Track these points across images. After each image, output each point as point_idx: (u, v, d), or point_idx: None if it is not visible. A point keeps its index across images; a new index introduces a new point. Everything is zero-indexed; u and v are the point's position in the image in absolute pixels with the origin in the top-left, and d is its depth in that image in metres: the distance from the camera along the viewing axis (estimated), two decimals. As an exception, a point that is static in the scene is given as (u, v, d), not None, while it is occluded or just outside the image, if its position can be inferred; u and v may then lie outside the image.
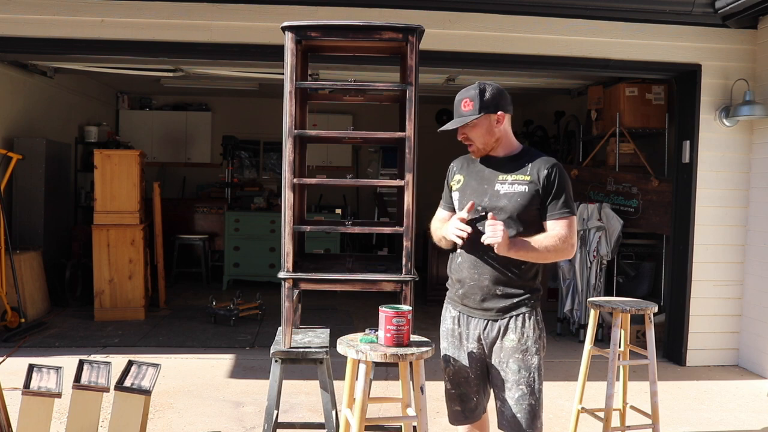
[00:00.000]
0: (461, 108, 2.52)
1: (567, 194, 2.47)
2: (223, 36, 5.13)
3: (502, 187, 2.49)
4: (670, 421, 4.16)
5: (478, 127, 2.50)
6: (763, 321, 5.33)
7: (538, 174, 2.46)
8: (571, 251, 2.47)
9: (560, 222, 2.46)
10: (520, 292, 2.49)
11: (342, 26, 2.87)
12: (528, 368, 2.48)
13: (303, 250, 3.45)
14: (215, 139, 10.36)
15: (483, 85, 2.51)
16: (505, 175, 2.50)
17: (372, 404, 2.64)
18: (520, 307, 2.49)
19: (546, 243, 2.43)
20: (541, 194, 2.46)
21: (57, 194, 7.42)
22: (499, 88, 2.53)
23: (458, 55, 5.29)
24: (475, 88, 2.51)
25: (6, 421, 3.05)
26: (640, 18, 5.29)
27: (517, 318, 2.48)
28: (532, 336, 2.49)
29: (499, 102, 2.50)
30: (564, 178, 2.48)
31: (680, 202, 5.66)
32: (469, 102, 2.49)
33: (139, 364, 3.23)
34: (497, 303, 2.49)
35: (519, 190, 2.47)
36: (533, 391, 2.48)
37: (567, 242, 2.45)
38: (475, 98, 2.48)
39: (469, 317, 2.57)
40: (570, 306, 6.15)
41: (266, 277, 8.15)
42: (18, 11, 5.03)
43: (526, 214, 2.47)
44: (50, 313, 6.67)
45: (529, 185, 2.46)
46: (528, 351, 2.48)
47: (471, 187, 2.57)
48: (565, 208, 2.46)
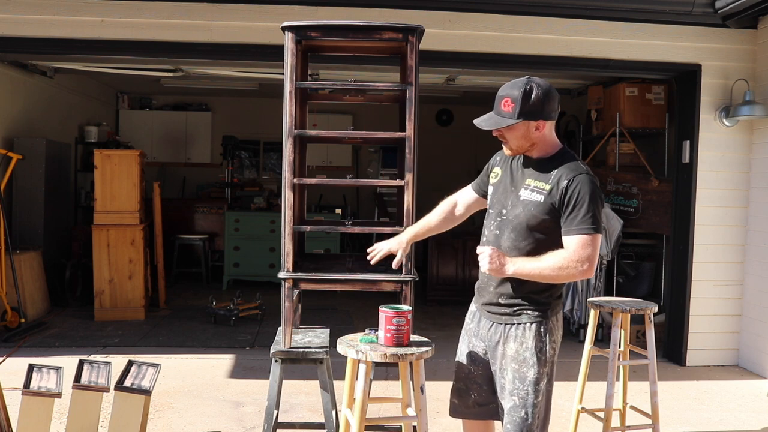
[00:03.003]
0: (500, 106, 2.32)
1: (587, 208, 2.24)
2: (223, 36, 5.13)
3: (524, 192, 2.37)
4: (670, 421, 4.15)
5: (515, 130, 2.34)
6: (763, 321, 5.33)
7: (558, 183, 2.29)
8: (582, 273, 2.25)
9: (573, 239, 2.26)
10: (522, 303, 2.40)
11: (342, 26, 2.87)
12: (522, 380, 2.38)
13: (303, 250, 3.45)
14: (215, 139, 10.36)
15: (530, 87, 2.29)
16: (531, 179, 2.37)
17: (372, 404, 2.63)
18: (520, 316, 2.40)
19: (549, 263, 2.26)
20: (557, 206, 2.29)
21: (57, 194, 7.41)
22: (547, 92, 2.30)
23: (458, 55, 5.29)
24: (520, 88, 2.29)
25: (6, 421, 3.05)
26: (640, 18, 5.28)
27: (518, 327, 2.40)
28: (531, 347, 2.37)
29: (542, 109, 2.30)
30: (586, 190, 2.25)
31: (680, 202, 5.66)
32: (510, 103, 2.30)
33: (139, 364, 3.23)
34: (499, 309, 2.45)
35: (535, 199, 2.33)
36: (526, 404, 2.37)
37: (576, 263, 2.23)
38: (517, 101, 2.28)
39: (481, 316, 2.55)
40: (570, 306, 6.15)
41: (266, 277, 8.15)
42: (18, 11, 5.03)
43: (540, 225, 2.33)
44: (50, 313, 6.67)
45: (546, 195, 2.31)
46: (525, 362, 2.38)
47: (504, 185, 2.48)
48: (583, 224, 2.24)
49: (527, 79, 2.33)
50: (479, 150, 9.23)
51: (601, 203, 2.31)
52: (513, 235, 2.40)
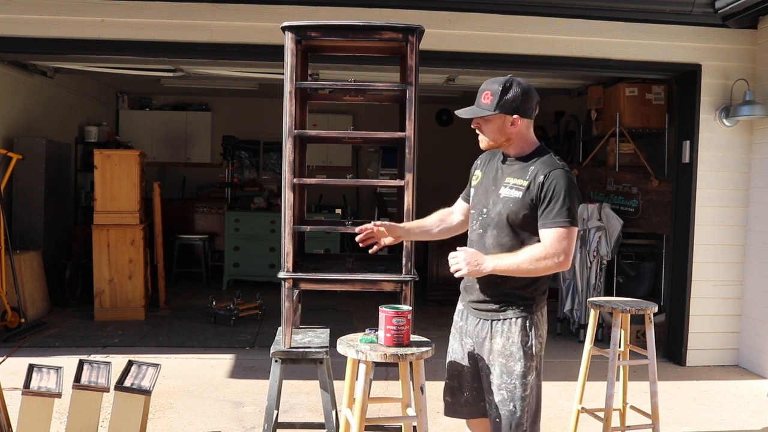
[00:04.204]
0: (481, 98, 2.41)
1: (563, 202, 2.30)
2: (223, 36, 5.14)
3: (504, 190, 2.43)
4: (670, 421, 4.16)
5: (491, 123, 2.42)
6: (763, 321, 5.33)
7: (534, 179, 2.35)
8: (558, 265, 2.30)
9: (548, 232, 2.32)
10: (507, 299, 2.44)
11: (342, 26, 2.87)
12: (510, 374, 2.41)
13: (303, 250, 3.45)
14: (215, 139, 10.36)
15: (509, 83, 2.38)
16: (510, 177, 2.43)
17: (372, 404, 2.63)
18: (506, 312, 2.44)
19: (526, 257, 2.31)
20: (534, 201, 2.34)
21: (57, 194, 7.41)
22: (525, 90, 2.39)
23: (458, 55, 5.29)
24: (500, 83, 2.38)
25: (6, 421, 3.05)
26: (640, 18, 5.28)
27: (504, 322, 2.44)
28: (517, 342, 2.41)
29: (519, 105, 2.37)
30: (562, 184, 2.32)
31: (680, 202, 5.66)
32: (489, 96, 2.38)
33: (139, 364, 3.23)
34: (485, 306, 2.49)
35: (514, 195, 2.39)
36: (514, 397, 2.41)
37: (552, 255, 2.29)
38: (496, 94, 2.37)
39: (468, 313, 2.58)
40: (570, 306, 6.15)
41: (266, 277, 8.15)
42: (18, 11, 5.03)
43: (521, 221, 2.38)
44: (50, 313, 6.67)
45: (524, 191, 2.37)
46: (512, 357, 2.41)
47: (484, 186, 2.54)
48: (558, 217, 2.30)
49: (509, 76, 2.42)
50: (479, 150, 9.21)
51: (577, 197, 2.37)
52: (495, 232, 2.45)
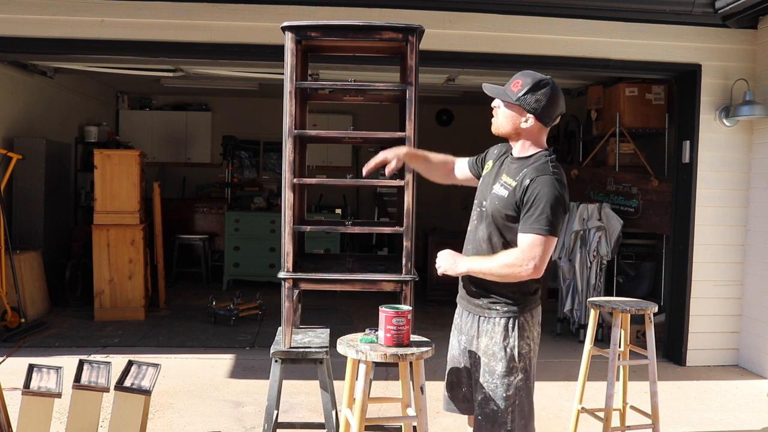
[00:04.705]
0: (510, 84, 2.41)
1: (543, 209, 2.27)
2: (223, 36, 5.14)
3: (496, 187, 2.45)
4: (670, 421, 4.15)
5: (507, 110, 2.42)
6: (763, 321, 5.33)
7: (522, 181, 2.34)
8: (529, 273, 2.28)
9: (524, 237, 2.30)
10: (493, 297, 2.45)
11: (342, 26, 2.87)
12: (492, 373, 2.43)
13: (303, 250, 3.45)
14: (215, 139, 10.36)
15: (544, 83, 2.36)
16: (504, 175, 2.45)
17: (372, 404, 2.64)
18: (491, 310, 2.45)
19: (498, 262, 2.33)
20: (518, 203, 2.34)
21: (57, 194, 7.41)
22: (553, 98, 2.36)
23: (458, 55, 5.29)
24: (534, 79, 2.36)
25: (6, 421, 3.05)
26: (640, 18, 5.29)
27: (489, 321, 2.46)
28: (499, 342, 2.41)
29: (540, 107, 2.36)
30: (546, 191, 2.28)
31: (680, 202, 5.66)
32: (519, 85, 2.38)
33: (139, 364, 3.23)
34: (474, 300, 2.52)
35: (501, 193, 2.40)
36: (495, 396, 2.41)
37: (523, 261, 2.27)
38: (525, 86, 2.36)
39: (462, 309, 2.62)
40: (570, 306, 6.15)
41: (266, 277, 8.15)
42: (18, 11, 5.03)
43: (506, 220, 2.38)
44: (50, 313, 6.67)
45: (510, 191, 2.37)
46: (494, 356, 2.43)
47: (487, 179, 2.55)
48: (536, 223, 2.27)
49: (549, 77, 2.40)
50: (479, 150, 9.23)
51: (562, 208, 2.32)
52: (486, 227, 2.47)
